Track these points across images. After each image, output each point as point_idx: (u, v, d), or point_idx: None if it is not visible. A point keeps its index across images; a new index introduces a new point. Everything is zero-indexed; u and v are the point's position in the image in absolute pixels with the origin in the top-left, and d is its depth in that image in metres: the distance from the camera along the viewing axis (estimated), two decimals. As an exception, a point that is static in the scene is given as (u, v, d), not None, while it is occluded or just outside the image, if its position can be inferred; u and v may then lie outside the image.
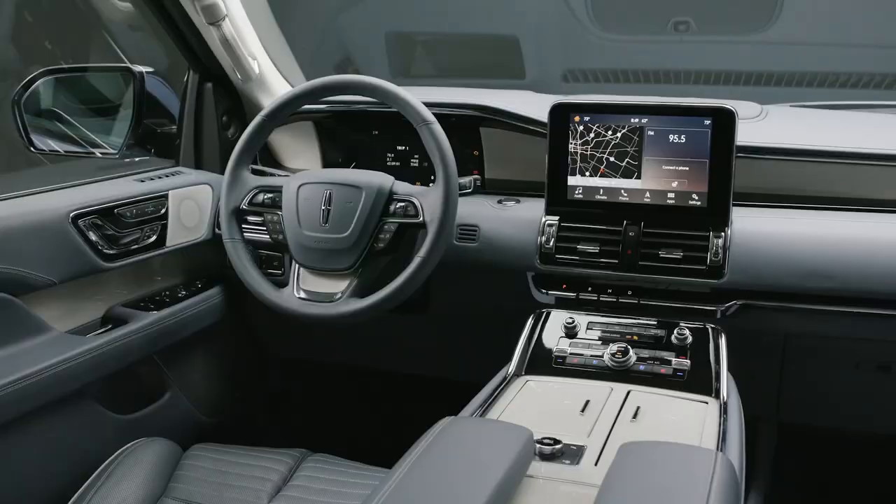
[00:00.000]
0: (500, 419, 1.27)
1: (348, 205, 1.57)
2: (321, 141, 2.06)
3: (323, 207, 1.58)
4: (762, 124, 1.78)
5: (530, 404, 1.36)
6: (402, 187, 1.60)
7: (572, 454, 1.16)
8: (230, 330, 2.10)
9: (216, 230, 1.94)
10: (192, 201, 1.90)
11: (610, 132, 1.61)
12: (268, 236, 1.67)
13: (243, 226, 1.69)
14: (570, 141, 1.63)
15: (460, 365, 2.01)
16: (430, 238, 1.51)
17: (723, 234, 1.54)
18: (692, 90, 2.96)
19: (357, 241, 1.56)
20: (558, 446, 1.14)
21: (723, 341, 1.48)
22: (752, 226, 1.57)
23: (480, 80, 3.20)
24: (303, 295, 1.59)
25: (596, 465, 1.14)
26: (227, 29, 1.79)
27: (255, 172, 1.73)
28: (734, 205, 1.56)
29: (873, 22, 2.82)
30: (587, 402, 1.33)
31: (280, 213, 1.63)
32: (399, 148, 2.00)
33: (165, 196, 1.81)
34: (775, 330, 1.62)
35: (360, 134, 2.03)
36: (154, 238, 1.78)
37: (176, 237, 1.84)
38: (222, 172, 2.02)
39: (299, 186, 1.61)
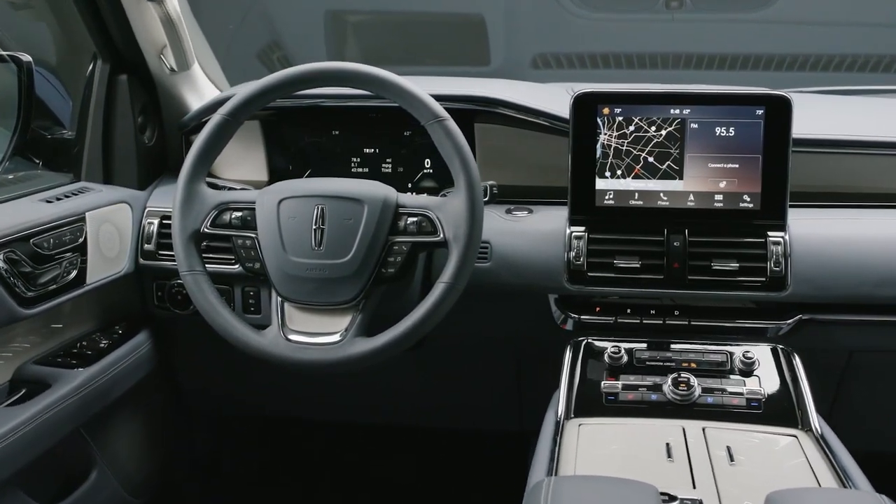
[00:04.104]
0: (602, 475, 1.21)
1: (347, 222, 1.47)
2: (267, 145, 1.94)
3: (315, 227, 1.48)
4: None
5: (603, 453, 1.31)
6: (410, 199, 1.52)
7: (690, 511, 1.13)
8: (161, 386, 1.95)
9: (140, 260, 1.81)
10: (110, 225, 1.75)
11: (645, 126, 1.59)
12: (237, 265, 1.55)
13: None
14: (598, 137, 1.61)
15: (462, 411, 1.94)
16: (457, 259, 1.43)
17: (781, 239, 1.56)
18: (683, 76, 3.03)
19: (361, 267, 1.46)
20: (675, 503, 1.11)
21: (798, 363, 1.50)
22: (810, 229, 1.59)
23: (438, 66, 3.14)
24: (293, 337, 1.47)
25: None
26: (170, 6, 1.65)
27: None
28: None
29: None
30: (668, 444, 1.30)
31: (255, 234, 1.51)
32: (367, 151, 1.91)
33: (83, 220, 1.65)
34: (837, 346, 1.65)
35: (315, 135, 1.93)
36: (74, 274, 1.62)
37: (97, 272, 1.69)
38: (140, 187, 1.89)
39: (280, 201, 1.50)
